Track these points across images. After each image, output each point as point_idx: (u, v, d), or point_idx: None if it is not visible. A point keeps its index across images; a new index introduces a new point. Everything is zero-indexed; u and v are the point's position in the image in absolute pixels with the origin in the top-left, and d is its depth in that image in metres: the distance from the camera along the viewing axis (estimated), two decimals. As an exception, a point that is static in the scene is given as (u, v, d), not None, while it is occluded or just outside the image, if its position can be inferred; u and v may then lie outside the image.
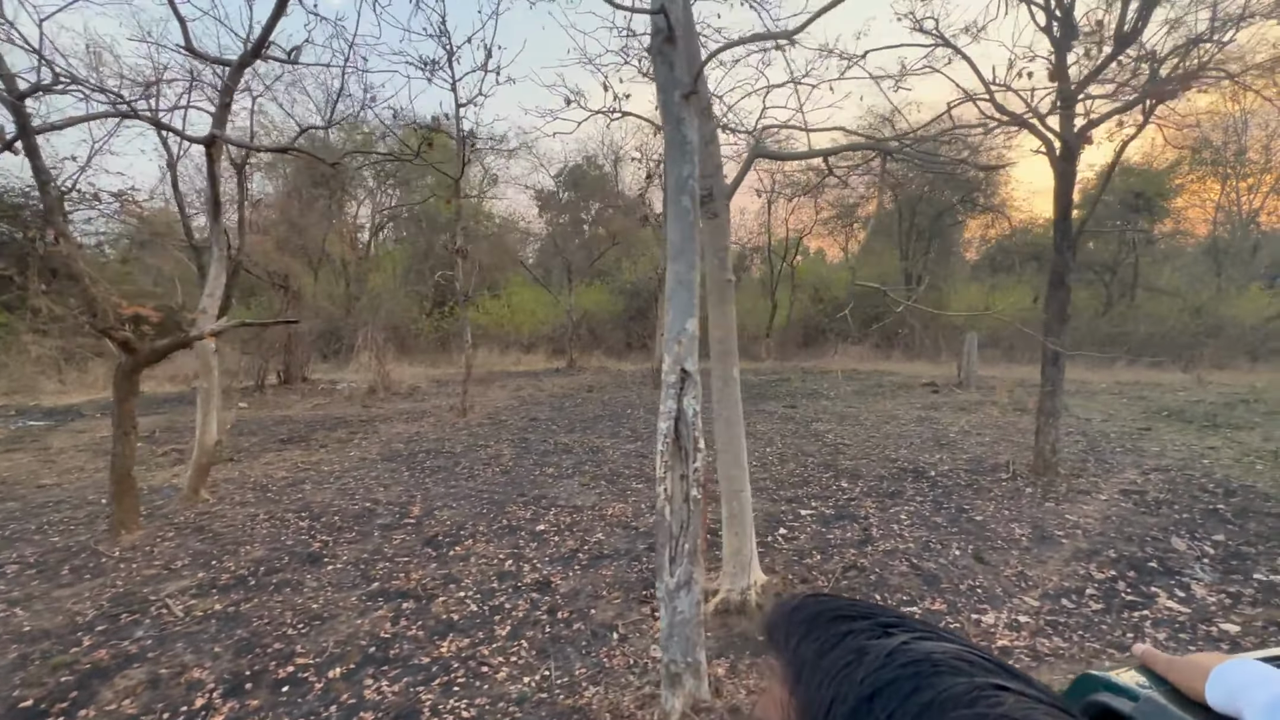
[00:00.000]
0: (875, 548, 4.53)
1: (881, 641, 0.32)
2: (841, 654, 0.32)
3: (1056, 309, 5.93)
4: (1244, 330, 14.66)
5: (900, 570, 4.21)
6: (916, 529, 4.88)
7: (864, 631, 0.33)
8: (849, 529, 4.89)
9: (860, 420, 9.14)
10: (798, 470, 6.56)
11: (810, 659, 0.33)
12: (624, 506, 5.55)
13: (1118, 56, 5.50)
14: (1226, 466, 6.54)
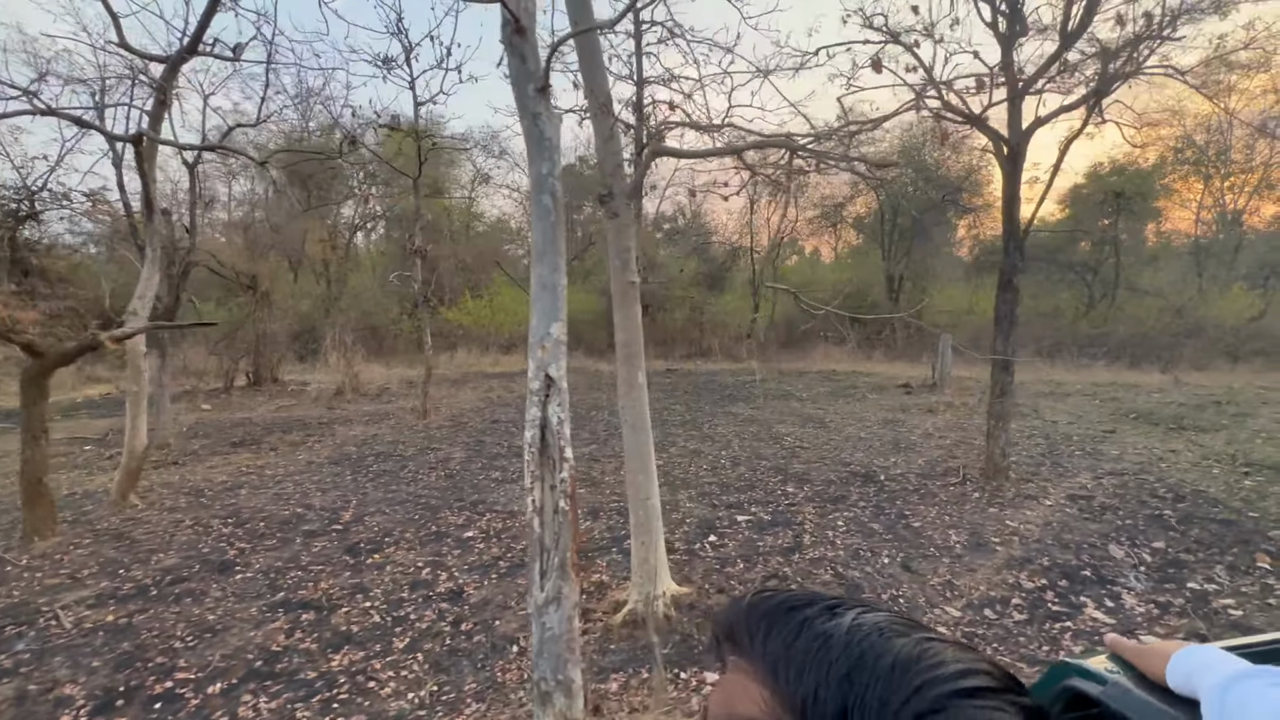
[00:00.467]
0: (803, 555, 4.42)
1: (836, 622, 0.36)
2: (807, 642, 0.35)
3: (1005, 310, 5.83)
4: (1224, 331, 14.56)
5: (823, 579, 4.10)
6: (851, 536, 4.77)
7: (817, 617, 0.37)
8: (782, 535, 4.78)
9: (825, 423, 9.03)
10: (747, 474, 6.45)
11: (781, 652, 0.36)
12: (560, 512, 5.43)
13: (1064, 53, 5.39)
14: (1183, 470, 6.43)
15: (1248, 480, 6.11)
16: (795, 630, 0.36)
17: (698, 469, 6.66)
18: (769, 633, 0.37)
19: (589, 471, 6.60)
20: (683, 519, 5.16)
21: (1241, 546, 4.69)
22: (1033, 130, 5.63)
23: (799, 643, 0.35)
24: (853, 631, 0.35)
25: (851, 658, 0.33)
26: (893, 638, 0.34)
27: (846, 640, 0.34)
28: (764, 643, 0.37)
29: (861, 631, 0.35)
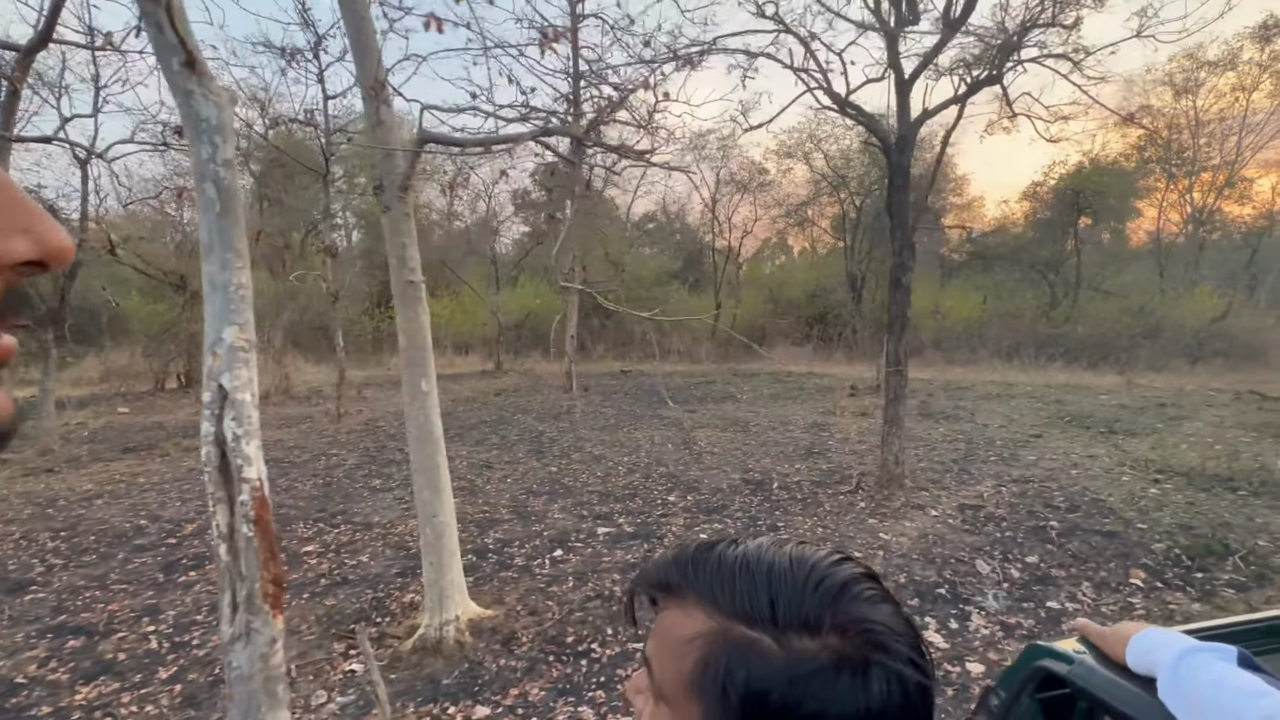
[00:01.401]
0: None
1: (741, 548, 0.45)
2: (729, 566, 0.44)
3: (896, 311, 5.56)
4: (1183, 333, 14.34)
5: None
6: (707, 550, 4.50)
7: (725, 549, 0.46)
8: (634, 550, 4.51)
9: (749, 427, 8.76)
10: (638, 482, 6.18)
11: (713, 578, 0.44)
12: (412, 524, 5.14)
13: (947, 43, 5.13)
14: (1092, 477, 6.18)
15: (1154, 489, 5.87)
16: (715, 562, 0.45)
17: (590, 477, 6.39)
18: (698, 569, 0.45)
19: (474, 481, 6.31)
20: (541, 531, 4.89)
21: (1120, 560, 4.44)
22: (921, 122, 5.38)
23: (724, 567, 0.44)
24: (756, 550, 0.45)
25: (764, 563, 0.43)
26: (782, 546, 0.45)
27: (755, 557, 0.44)
28: (697, 576, 0.45)
29: (761, 549, 0.45)
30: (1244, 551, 4.51)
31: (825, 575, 0.41)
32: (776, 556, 0.43)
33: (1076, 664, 0.81)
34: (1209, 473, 6.19)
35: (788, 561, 0.43)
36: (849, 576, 0.42)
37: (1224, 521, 5.02)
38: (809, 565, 0.42)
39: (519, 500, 5.65)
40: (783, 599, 0.40)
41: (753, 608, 0.41)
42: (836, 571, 0.42)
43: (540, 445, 7.76)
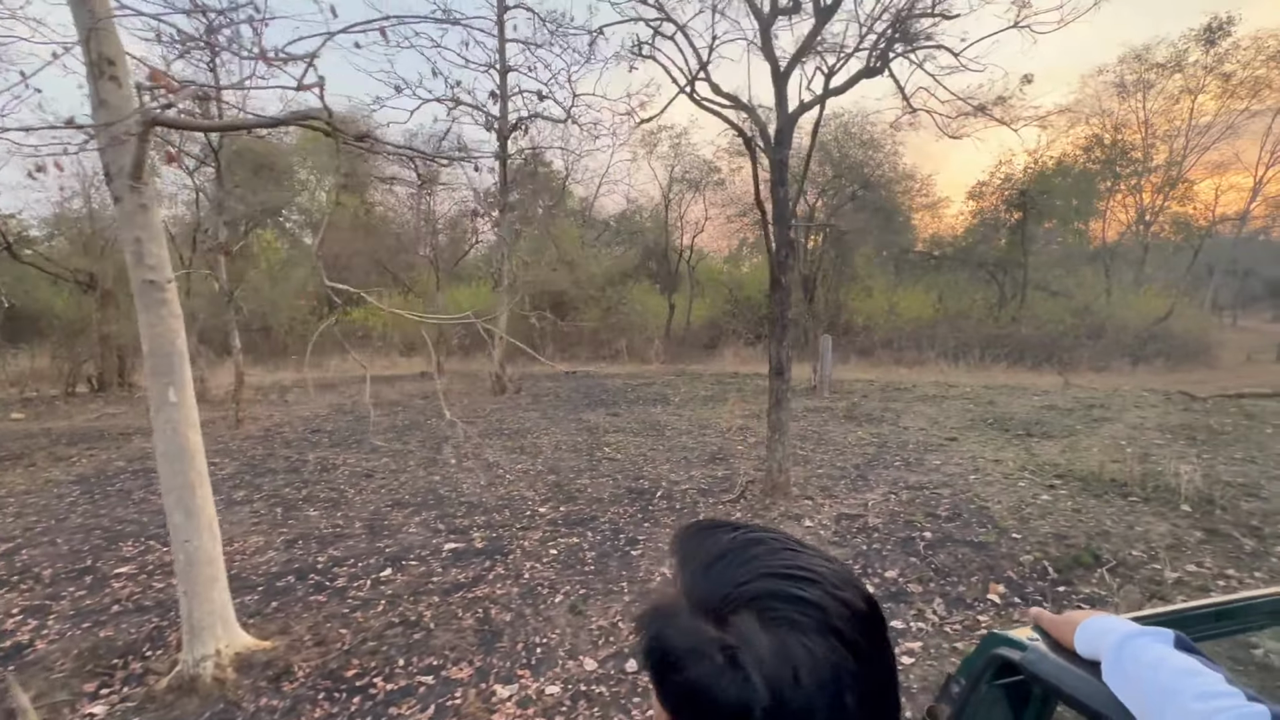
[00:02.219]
0: (468, 594, 3.85)
1: (732, 533, 0.48)
2: (710, 543, 0.47)
3: (777, 312, 5.32)
4: (1125, 333, 14.37)
5: (467, 623, 3.53)
6: (549, 568, 4.21)
7: (723, 530, 0.49)
8: (473, 569, 4.21)
9: (665, 431, 8.50)
10: (517, 492, 5.88)
11: (692, 550, 0.48)
12: (260, 539, 4.80)
13: (820, 32, 4.89)
14: (988, 483, 6.01)
15: (1046, 495, 5.70)
16: (705, 537, 0.48)
17: (470, 486, 6.08)
18: (690, 539, 0.49)
19: (346, 491, 5.96)
20: (384, 548, 4.57)
21: (984, 574, 4.23)
22: (799, 114, 5.13)
23: (704, 544, 0.47)
24: (736, 537, 0.47)
25: (723, 550, 0.46)
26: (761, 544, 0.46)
27: (729, 541, 0.46)
28: (684, 545, 0.49)
29: (743, 538, 0.47)
30: (1114, 563, 4.34)
31: (754, 579, 0.43)
32: (744, 548, 0.46)
33: (1029, 650, 0.84)
34: (1106, 477, 6.05)
35: (746, 555, 0.45)
36: (774, 591, 0.42)
37: (1103, 530, 4.85)
38: (753, 565, 0.44)
39: (381, 513, 5.32)
40: (711, 582, 0.44)
41: (691, 582, 0.45)
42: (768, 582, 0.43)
43: (438, 451, 7.43)
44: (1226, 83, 18.01)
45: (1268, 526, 5.00)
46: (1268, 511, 5.29)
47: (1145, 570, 4.28)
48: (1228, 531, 4.88)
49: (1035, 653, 0.82)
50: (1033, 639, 0.85)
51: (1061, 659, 0.78)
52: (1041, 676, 0.79)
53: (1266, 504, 5.48)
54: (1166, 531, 4.87)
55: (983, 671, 0.92)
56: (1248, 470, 6.41)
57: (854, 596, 0.43)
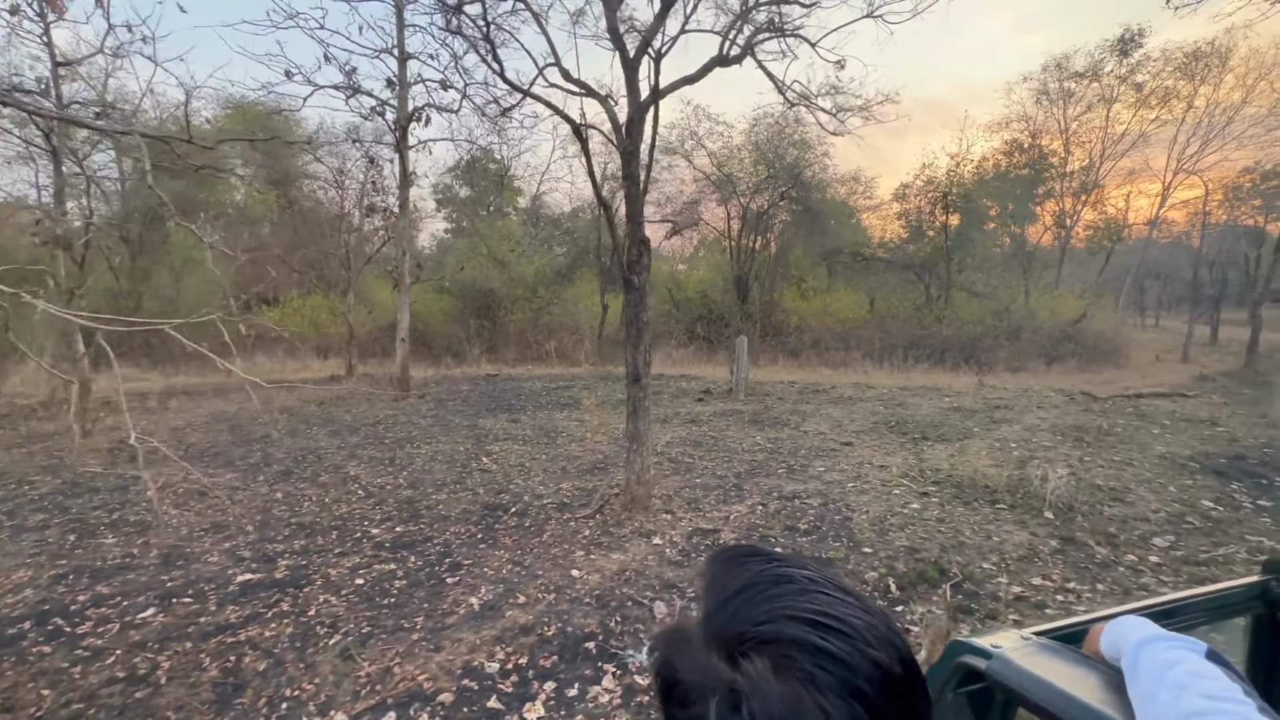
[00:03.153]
0: (230, 637, 3.36)
1: (764, 564, 0.45)
2: (736, 571, 0.45)
3: (631, 315, 4.97)
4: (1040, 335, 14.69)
5: (209, 675, 3.05)
6: (343, 601, 3.75)
7: (755, 560, 0.46)
8: (257, 603, 3.71)
9: (558, 438, 8.10)
10: (360, 510, 5.37)
11: (718, 576, 0.45)
12: (26, 574, 4.18)
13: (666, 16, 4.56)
14: (863, 491, 5.81)
15: (916, 503, 5.53)
16: (735, 565, 0.45)
17: (310, 505, 5.54)
18: (720, 565, 0.47)
19: (166, 512, 5.35)
20: (167, 581, 4.02)
21: (824, 594, 3.97)
22: (650, 104, 4.80)
23: (729, 572, 0.45)
24: (767, 570, 0.44)
25: (748, 583, 0.42)
26: (792, 582, 0.42)
27: (756, 574, 0.43)
28: (713, 570, 0.47)
29: (774, 572, 0.43)
30: (960, 578, 4.14)
31: (774, 620, 0.40)
32: (771, 584, 0.42)
33: (994, 658, 0.85)
34: (980, 483, 5.94)
35: (772, 592, 0.42)
36: (797, 638, 0.38)
37: (959, 541, 4.68)
38: (778, 605, 0.41)
39: (189, 539, 4.75)
40: (729, 616, 0.41)
41: (709, 612, 0.43)
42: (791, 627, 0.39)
43: (300, 465, 6.84)
44: (1139, 93, 18.75)
45: (1124, 533, 4.92)
46: (1128, 517, 5.23)
47: (990, 585, 4.11)
48: (1084, 540, 4.78)
49: (999, 660, 0.84)
50: (996, 647, 0.87)
51: (1027, 666, 0.80)
52: (1005, 684, 0.81)
53: (1130, 509, 5.44)
54: (1023, 541, 4.73)
55: (948, 679, 0.93)
56: (1122, 473, 6.42)
57: (888, 657, 0.39)
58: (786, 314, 17.58)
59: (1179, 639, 0.66)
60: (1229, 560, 4.43)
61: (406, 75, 10.42)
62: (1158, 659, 0.64)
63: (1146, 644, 0.66)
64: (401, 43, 10.32)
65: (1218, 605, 1.08)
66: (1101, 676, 0.75)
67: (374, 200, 11.41)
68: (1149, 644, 0.66)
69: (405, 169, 10.29)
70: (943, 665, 0.95)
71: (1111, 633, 0.75)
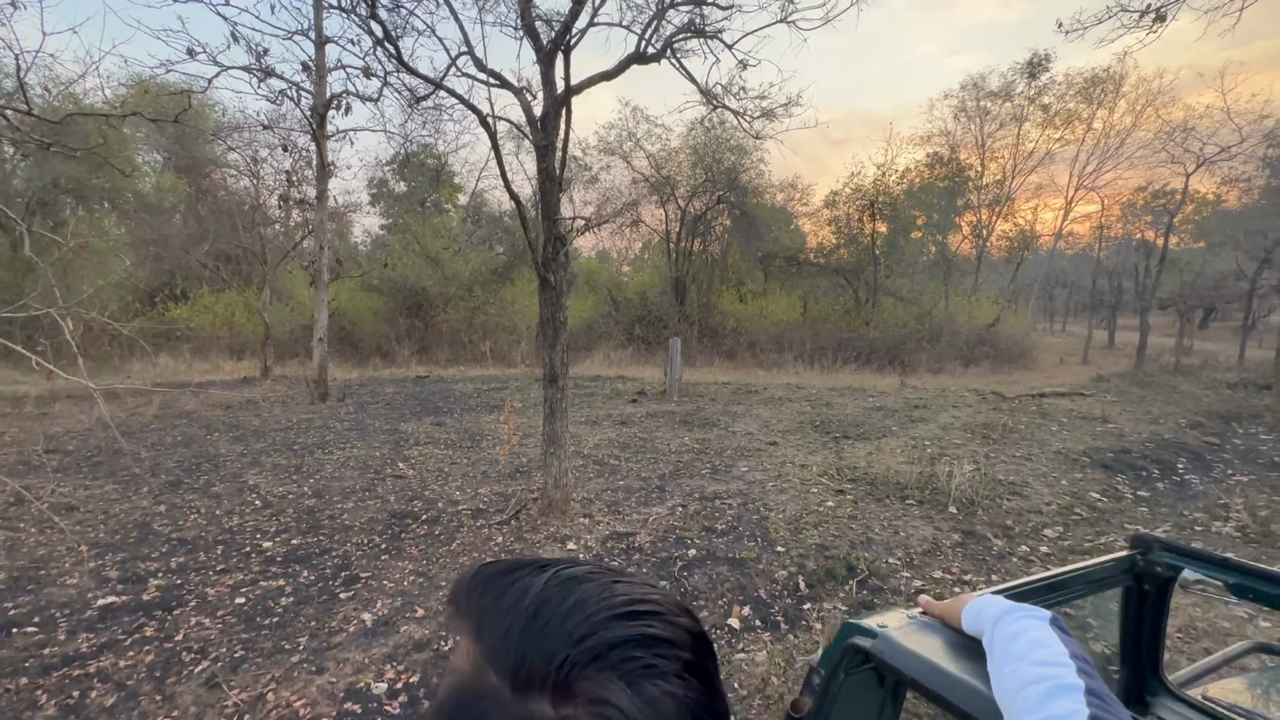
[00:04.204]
0: (76, 669, 3.01)
1: (540, 575, 0.39)
2: (510, 595, 0.38)
3: (548, 314, 4.84)
4: (958, 338, 15.52)
5: (45, 714, 2.71)
6: (219, 623, 3.44)
7: (527, 574, 0.40)
8: (115, 630, 3.34)
9: (482, 442, 7.85)
10: (252, 522, 4.99)
11: (488, 607, 0.38)
12: None
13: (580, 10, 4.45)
14: (781, 490, 5.90)
15: (832, 500, 5.66)
16: (504, 588, 0.39)
17: (197, 517, 5.10)
18: (482, 592, 0.39)
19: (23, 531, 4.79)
20: (10, 609, 3.58)
21: (734, 594, 3.97)
22: (566, 98, 4.68)
23: (503, 598, 0.38)
24: (549, 583, 0.38)
25: (538, 602, 0.36)
26: (583, 583, 0.38)
27: (540, 590, 0.37)
28: (476, 601, 0.39)
29: (557, 581, 0.38)
30: (865, 574, 4.24)
31: (596, 630, 0.35)
32: (561, 594, 0.37)
33: (879, 638, 0.87)
34: (893, 480, 6.14)
35: (570, 604, 0.36)
36: (626, 636, 0.35)
37: (868, 538, 4.80)
38: (586, 613, 0.36)
39: (47, 559, 4.26)
40: (535, 647, 0.35)
41: (504, 651, 0.36)
42: (613, 626, 0.36)
43: (192, 474, 6.31)
44: (1045, 113, 20.18)
45: (1019, 525, 5.20)
46: (1023, 510, 5.53)
47: (894, 579, 4.22)
48: (982, 533, 5.01)
49: (883, 640, 0.87)
50: (883, 626, 0.89)
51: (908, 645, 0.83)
52: (889, 663, 0.84)
53: (1026, 502, 5.75)
54: (928, 535, 4.90)
55: (840, 660, 0.94)
56: (1021, 469, 6.80)
57: (689, 620, 0.39)
58: (724, 316, 17.84)
59: (1026, 610, 0.69)
60: (1109, 548, 4.74)
61: (325, 61, 9.88)
62: (1006, 631, 0.68)
63: (1001, 619, 0.70)
64: (319, 25, 9.77)
65: (1093, 580, 1.16)
66: (972, 654, 0.77)
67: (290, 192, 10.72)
68: (1003, 618, 0.70)
69: (323, 159, 9.73)
70: (835, 647, 0.97)
71: (972, 609, 0.79)
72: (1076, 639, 0.64)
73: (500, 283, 18.44)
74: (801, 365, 15.04)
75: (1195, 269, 18.94)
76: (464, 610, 0.40)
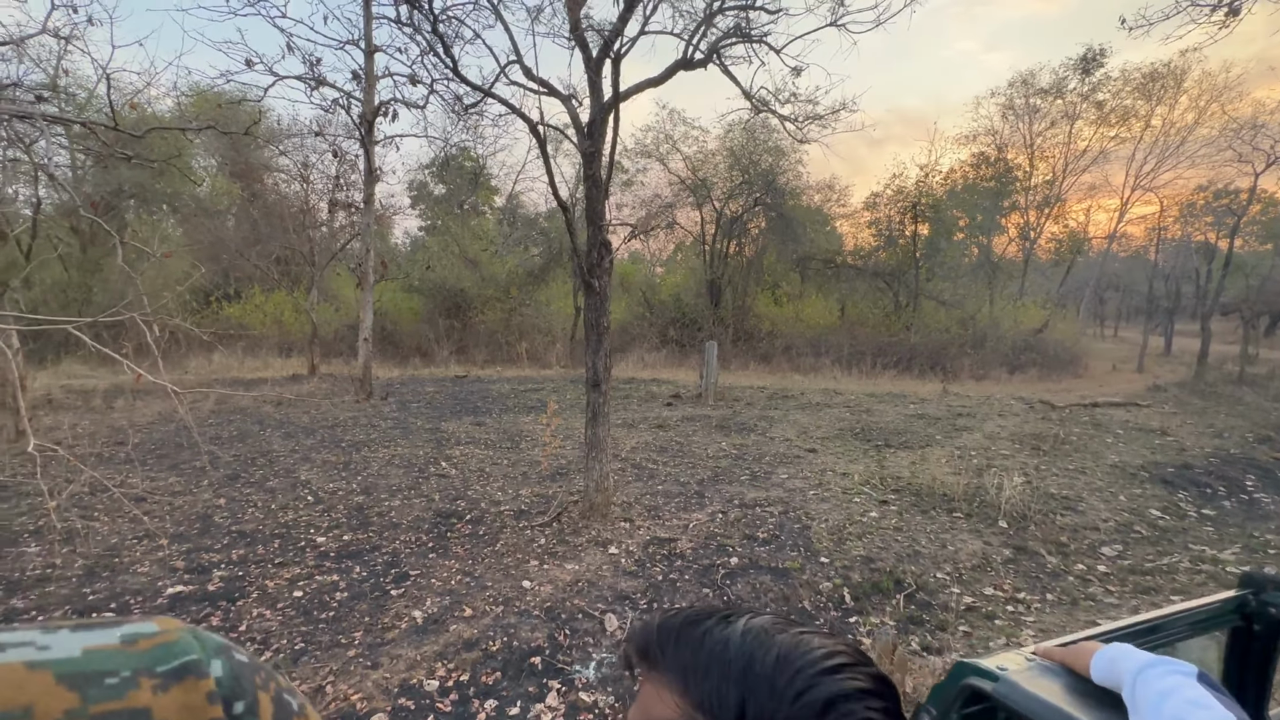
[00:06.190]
0: (151, 656, 3.17)
1: (731, 628, 0.42)
2: (709, 647, 0.41)
3: (591, 318, 4.89)
4: (1004, 343, 15.02)
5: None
6: (279, 615, 3.58)
7: (714, 626, 0.42)
8: (185, 618, 3.52)
9: (521, 443, 7.97)
10: (306, 517, 5.17)
11: (689, 660, 0.41)
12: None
13: (629, 17, 4.49)
14: (823, 499, 5.82)
15: (876, 511, 5.56)
16: (699, 640, 0.41)
17: (254, 511, 5.31)
18: (677, 644, 0.42)
19: (93, 520, 5.08)
20: (88, 595, 3.79)
21: (778, 605, 3.94)
22: (613, 105, 4.71)
23: (703, 650, 0.41)
24: (745, 634, 0.41)
25: (745, 656, 0.39)
26: (775, 634, 0.41)
27: (740, 642, 0.40)
28: (674, 654, 0.42)
29: (752, 633, 0.41)
30: (913, 588, 4.15)
31: (810, 685, 0.38)
32: (763, 647, 0.40)
33: (1001, 681, 0.86)
34: (939, 492, 5.99)
35: (774, 657, 0.39)
36: (840, 692, 0.38)
37: (915, 551, 4.69)
38: (795, 668, 0.39)
39: (117, 548, 4.50)
40: (754, 703, 0.38)
41: (719, 706, 0.39)
42: (825, 682, 0.38)
43: (249, 469, 6.58)
44: (1100, 110, 19.37)
45: (1074, 542, 5.01)
46: (1078, 526, 5.32)
47: (943, 595, 4.12)
48: (1035, 549, 4.84)
49: (1006, 684, 0.85)
50: (1002, 669, 0.89)
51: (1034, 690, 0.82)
52: (1015, 709, 0.82)
53: (1081, 517, 5.54)
54: (977, 550, 4.77)
55: (953, 701, 0.94)
56: (1075, 482, 6.55)
57: (875, 668, 0.42)
58: (759, 319, 17.67)
59: (1172, 664, 0.67)
60: (1172, 570, 4.53)
61: (374, 68, 10.17)
62: (1154, 688, 0.65)
63: (1143, 672, 0.68)
64: (369, 35, 10.07)
65: (1199, 621, 1.13)
66: (1102, 702, 0.77)
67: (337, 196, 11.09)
68: (1145, 671, 0.68)
69: (371, 164, 10.03)
70: (949, 686, 0.97)
71: (1104, 658, 0.77)
72: (1229, 697, 0.62)
73: (536, 284, 18.66)
74: (839, 370, 14.79)
75: (1262, 273, 17.90)
76: (661, 663, 0.42)
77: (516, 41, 4.75)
